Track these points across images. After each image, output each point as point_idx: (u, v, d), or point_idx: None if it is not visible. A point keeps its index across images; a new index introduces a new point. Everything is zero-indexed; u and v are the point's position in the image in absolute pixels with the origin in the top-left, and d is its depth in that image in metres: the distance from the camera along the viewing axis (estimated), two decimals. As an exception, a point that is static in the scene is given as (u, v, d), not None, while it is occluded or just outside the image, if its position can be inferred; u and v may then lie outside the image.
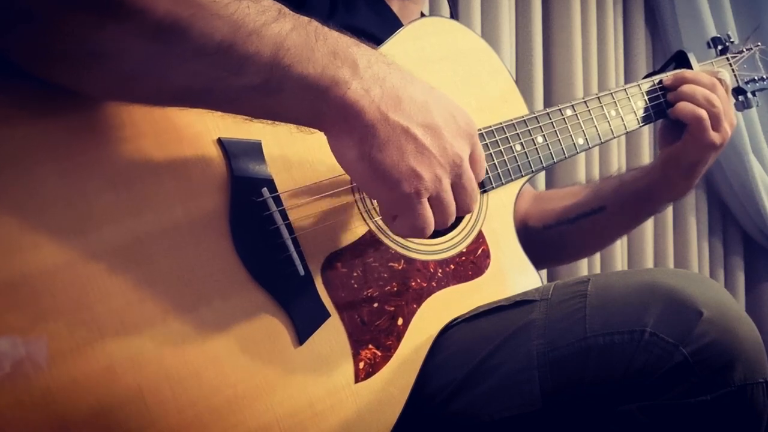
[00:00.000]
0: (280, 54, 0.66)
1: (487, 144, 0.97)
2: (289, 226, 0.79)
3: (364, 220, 0.86)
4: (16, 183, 0.65)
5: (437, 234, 0.93)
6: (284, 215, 0.79)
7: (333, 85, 0.69)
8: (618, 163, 2.31)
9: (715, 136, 1.13)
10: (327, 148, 0.73)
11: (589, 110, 1.10)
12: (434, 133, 0.73)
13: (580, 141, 1.08)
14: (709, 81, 1.14)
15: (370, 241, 0.86)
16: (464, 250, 0.96)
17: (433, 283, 0.91)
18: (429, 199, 0.74)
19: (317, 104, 0.69)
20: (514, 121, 1.01)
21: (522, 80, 2.04)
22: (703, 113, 1.11)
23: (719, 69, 1.20)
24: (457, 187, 0.77)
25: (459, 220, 0.96)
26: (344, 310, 0.82)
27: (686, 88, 1.14)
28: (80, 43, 0.61)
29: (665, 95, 1.18)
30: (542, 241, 1.23)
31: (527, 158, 1.01)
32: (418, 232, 0.75)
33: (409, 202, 0.73)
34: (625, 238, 2.37)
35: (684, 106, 1.12)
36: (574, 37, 2.14)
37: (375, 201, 0.88)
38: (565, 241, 1.05)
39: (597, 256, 2.22)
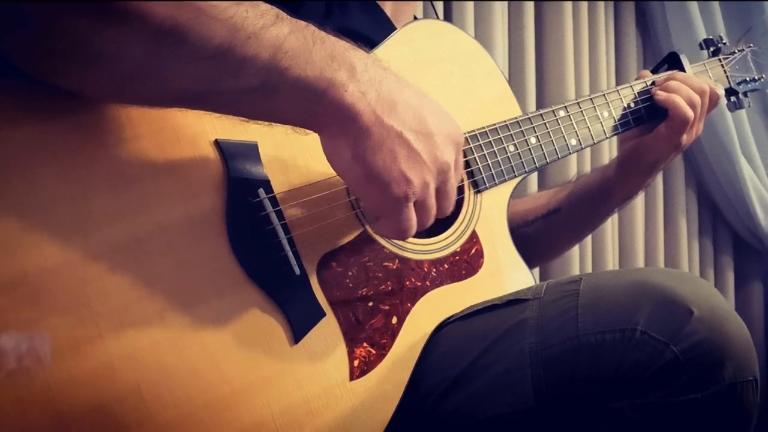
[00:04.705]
0: (278, 56, 0.67)
1: (480, 145, 0.98)
2: (284, 226, 0.80)
3: (359, 220, 0.87)
4: (16, 183, 0.65)
5: (432, 233, 0.94)
6: (280, 215, 0.80)
7: (330, 87, 0.70)
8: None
9: (684, 138, 1.14)
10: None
11: (581, 111, 1.11)
12: (426, 139, 0.75)
13: (573, 142, 1.09)
14: (698, 85, 1.15)
15: (364, 240, 0.87)
16: (458, 250, 0.96)
17: (428, 282, 0.92)
18: (414, 203, 0.76)
19: (314, 106, 0.70)
20: (507, 122, 1.02)
21: (514, 84, 2.04)
22: (690, 112, 1.12)
23: (716, 83, 1.20)
24: (441, 192, 0.79)
25: (453, 219, 0.97)
26: (339, 309, 0.83)
27: (674, 84, 1.15)
28: (80, 45, 0.62)
29: None
30: None
31: (520, 159, 1.02)
32: (401, 234, 0.77)
33: (397, 205, 0.74)
34: (616, 238, 2.38)
35: (676, 98, 1.12)
36: (566, 41, 2.14)
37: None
38: (527, 243, 1.07)
39: (588, 256, 2.23)
